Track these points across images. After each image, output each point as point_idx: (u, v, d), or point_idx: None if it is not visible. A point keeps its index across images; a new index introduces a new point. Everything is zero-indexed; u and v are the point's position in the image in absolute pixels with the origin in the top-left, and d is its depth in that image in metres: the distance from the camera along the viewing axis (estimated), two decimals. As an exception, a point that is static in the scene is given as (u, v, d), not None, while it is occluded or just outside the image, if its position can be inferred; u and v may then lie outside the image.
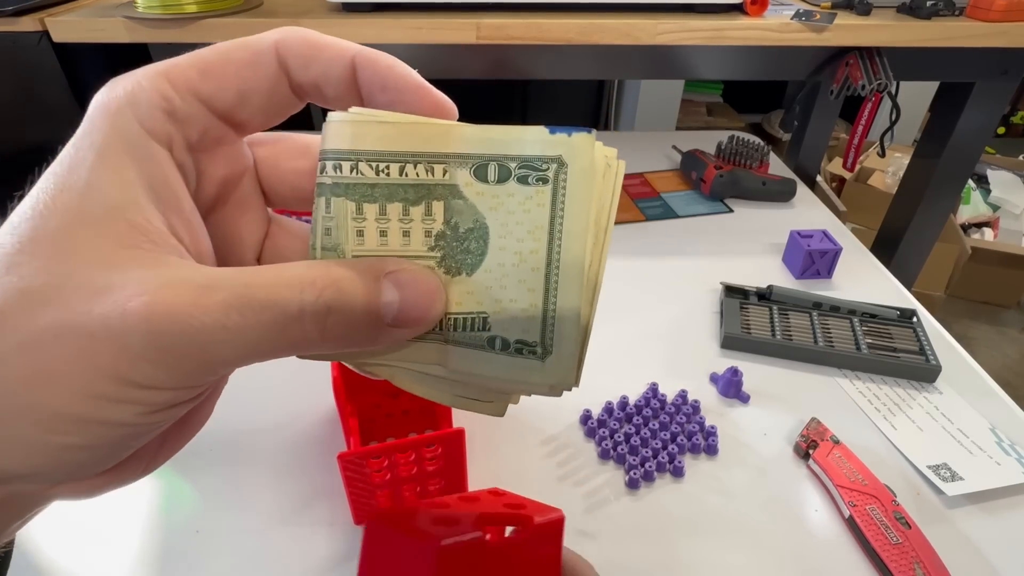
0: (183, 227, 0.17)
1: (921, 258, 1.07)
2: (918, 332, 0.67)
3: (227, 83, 0.18)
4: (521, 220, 0.18)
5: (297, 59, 0.19)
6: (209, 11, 0.79)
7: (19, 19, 0.82)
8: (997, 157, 2.32)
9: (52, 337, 0.14)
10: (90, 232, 0.15)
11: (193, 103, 0.18)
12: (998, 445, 0.55)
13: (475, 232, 0.18)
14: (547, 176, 0.18)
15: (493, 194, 0.18)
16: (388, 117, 0.19)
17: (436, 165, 0.19)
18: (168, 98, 0.17)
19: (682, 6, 0.83)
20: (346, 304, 0.16)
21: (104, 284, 0.15)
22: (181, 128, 0.18)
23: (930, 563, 0.45)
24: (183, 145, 0.18)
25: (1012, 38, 0.79)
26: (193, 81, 0.18)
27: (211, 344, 0.15)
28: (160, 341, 0.15)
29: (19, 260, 0.15)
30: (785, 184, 0.96)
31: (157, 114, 0.17)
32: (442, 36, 0.79)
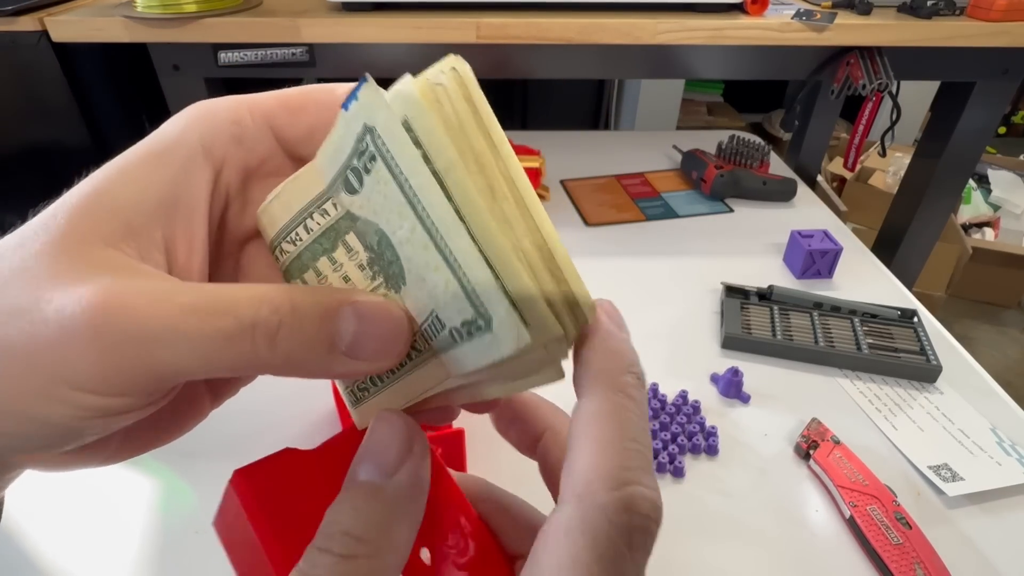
0: (184, 244, 0.18)
1: (922, 258, 1.07)
2: (919, 332, 0.67)
3: (303, 118, 0.19)
4: (389, 207, 0.16)
5: None
6: (208, 10, 0.79)
7: (18, 19, 0.82)
8: (998, 157, 2.32)
9: (12, 318, 0.14)
10: (86, 225, 0.16)
11: (264, 130, 0.19)
12: (999, 445, 0.55)
13: (382, 242, 0.17)
14: (371, 151, 0.16)
15: (366, 199, 0.17)
16: (277, 189, 0.19)
17: (325, 204, 0.18)
18: (240, 122, 0.19)
19: (682, 5, 0.83)
20: (298, 324, 0.16)
21: (73, 277, 0.15)
22: (244, 152, 0.19)
23: (931, 563, 0.44)
24: (239, 169, 0.19)
25: (1013, 38, 0.79)
26: (271, 109, 0.19)
27: (157, 348, 0.15)
28: (103, 341, 0.14)
29: (24, 242, 0.16)
30: (786, 184, 0.96)
31: (222, 134, 0.18)
32: (442, 36, 0.79)
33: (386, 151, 0.16)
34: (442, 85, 0.16)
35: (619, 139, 1.21)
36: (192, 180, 0.18)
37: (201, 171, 0.18)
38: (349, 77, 0.71)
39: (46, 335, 0.14)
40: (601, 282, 0.78)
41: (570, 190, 0.99)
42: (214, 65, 0.84)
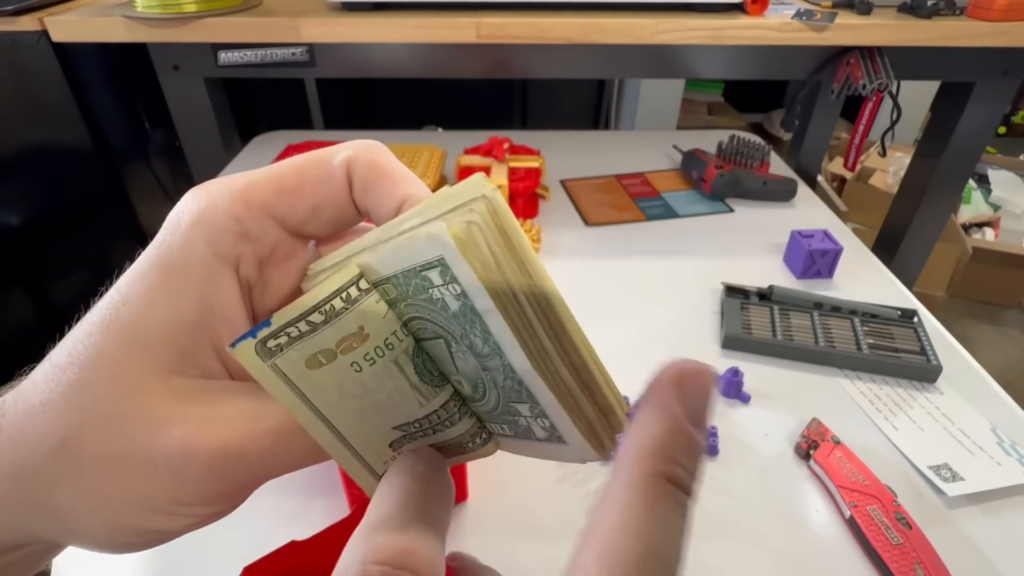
0: None
1: (922, 258, 1.07)
2: (919, 332, 0.66)
3: (301, 200, 0.19)
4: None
5: (359, 182, 0.19)
6: (208, 10, 0.79)
7: (18, 19, 0.82)
8: (998, 157, 2.32)
9: (119, 464, 0.17)
10: (144, 357, 0.17)
11: (266, 221, 0.19)
12: (999, 445, 0.55)
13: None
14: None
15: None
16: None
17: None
18: (241, 220, 0.19)
19: (682, 5, 0.83)
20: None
21: (163, 417, 0.17)
22: (252, 246, 0.19)
23: (931, 564, 0.44)
24: (253, 262, 0.19)
25: (1013, 37, 0.79)
26: (269, 200, 0.19)
27: (259, 468, 0.18)
28: (215, 471, 0.17)
29: (85, 380, 0.17)
30: (786, 184, 0.96)
31: (228, 236, 0.18)
32: (442, 35, 0.79)
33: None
34: (475, 224, 0.16)
35: (619, 139, 1.21)
36: (219, 288, 0.18)
37: (223, 276, 0.18)
38: (349, 77, 0.71)
39: (161, 479, 0.17)
40: (601, 282, 0.78)
41: (570, 190, 0.99)
42: (214, 65, 0.84)
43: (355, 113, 2.08)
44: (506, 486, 0.51)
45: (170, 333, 0.17)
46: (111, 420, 0.16)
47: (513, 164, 0.89)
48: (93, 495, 0.17)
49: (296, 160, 0.19)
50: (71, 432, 0.16)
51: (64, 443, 0.16)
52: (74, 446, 0.16)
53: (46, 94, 0.95)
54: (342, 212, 0.20)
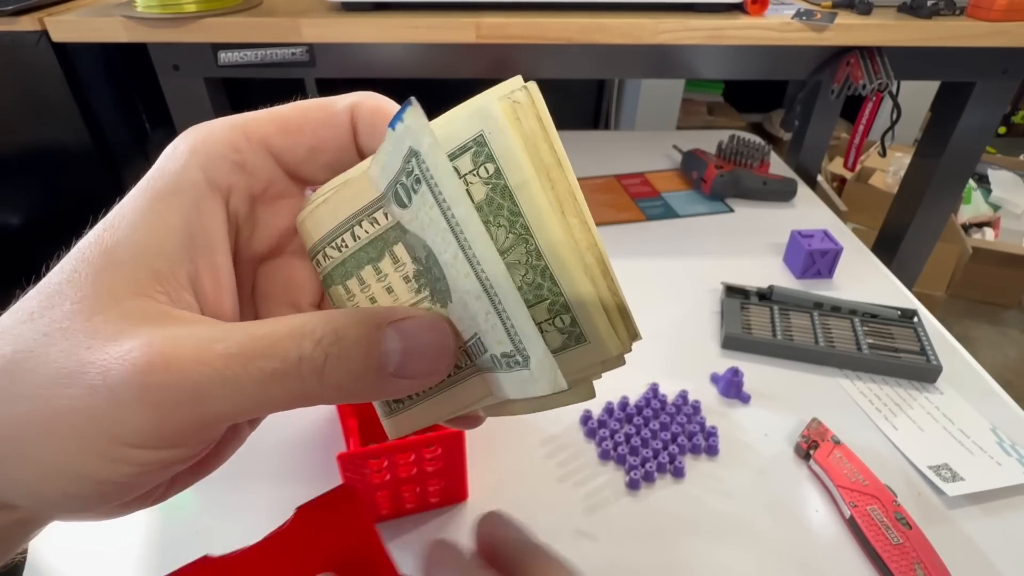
0: (210, 280, 0.18)
1: (922, 258, 1.07)
2: (919, 332, 0.66)
3: (301, 139, 0.19)
4: (435, 230, 0.16)
5: (365, 127, 0.19)
6: (208, 10, 0.79)
7: (18, 18, 0.82)
8: (998, 157, 2.32)
9: (58, 386, 0.15)
10: (111, 277, 0.16)
11: (264, 156, 0.19)
12: (999, 445, 0.55)
13: (431, 258, 0.17)
14: (416, 174, 0.16)
15: (414, 215, 0.17)
16: (322, 193, 0.19)
17: (376, 213, 0.18)
18: (239, 149, 0.18)
19: (683, 5, 0.83)
20: (344, 353, 0.16)
21: (110, 334, 0.15)
22: (246, 179, 0.19)
23: (931, 563, 0.44)
24: (245, 195, 0.19)
25: (1013, 37, 0.79)
26: (269, 135, 0.19)
27: (208, 398, 0.15)
28: (154, 397, 0.15)
29: (46, 304, 0.16)
30: (786, 184, 0.96)
31: (223, 164, 0.18)
32: (442, 35, 0.79)
33: (429, 177, 0.15)
34: (519, 103, 0.16)
35: (619, 139, 1.21)
36: (205, 215, 0.18)
37: (212, 204, 0.18)
38: (349, 77, 0.72)
39: (96, 401, 0.14)
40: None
41: (570, 190, 0.99)
42: (214, 65, 0.84)
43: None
44: (506, 486, 0.51)
45: (145, 255, 0.17)
46: (55, 342, 0.15)
47: (513, 164, 0.89)
48: (26, 430, 0.15)
49: (301, 102, 0.19)
50: (18, 355, 0.15)
51: (4, 369, 0.15)
52: (15, 371, 0.15)
53: (46, 94, 0.94)
54: (342, 156, 0.20)
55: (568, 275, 0.16)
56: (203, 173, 0.18)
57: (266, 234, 0.20)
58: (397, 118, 0.16)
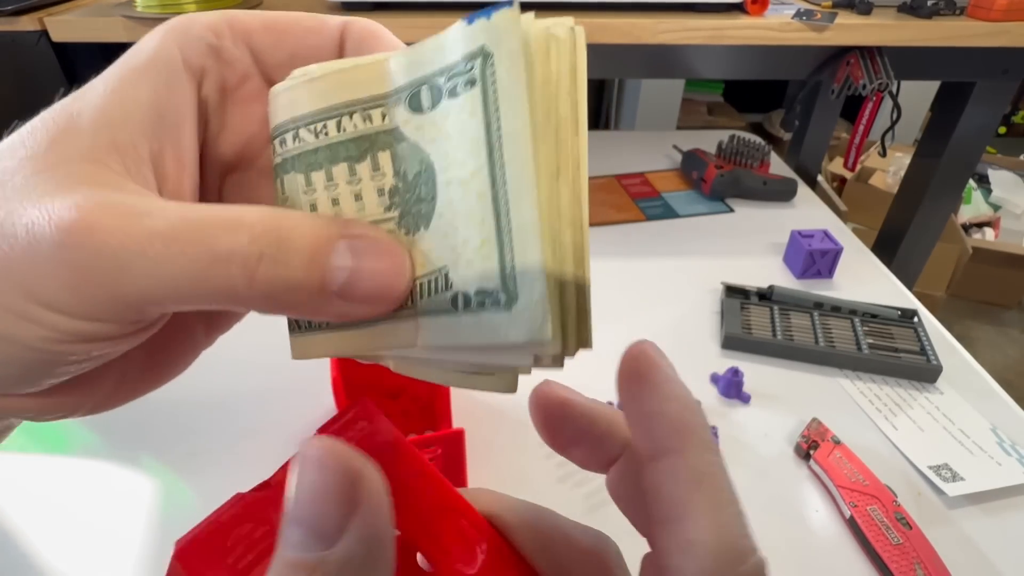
0: (173, 161, 0.17)
1: (922, 258, 1.07)
2: (919, 332, 0.66)
3: (285, 41, 0.19)
4: (459, 141, 0.14)
5: (354, 43, 0.19)
6: (208, 10, 0.79)
7: (18, 18, 0.82)
8: (998, 157, 2.32)
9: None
10: (69, 140, 0.15)
11: (243, 48, 0.18)
12: (999, 445, 0.55)
13: (423, 175, 0.15)
14: (474, 76, 0.14)
15: (431, 123, 0.15)
16: (319, 70, 0.17)
17: (373, 110, 0.16)
18: (219, 34, 0.18)
19: (683, 5, 0.83)
20: (282, 256, 0.14)
21: (49, 191, 0.14)
22: (221, 67, 0.18)
23: (931, 564, 0.44)
24: (217, 83, 0.18)
25: (1013, 37, 0.79)
26: (252, 29, 0.18)
27: (127, 273, 0.14)
28: (71, 259, 0.13)
29: (3, 154, 0.15)
30: (786, 184, 0.96)
31: (200, 46, 0.18)
32: (442, 35, 0.79)
33: (491, 83, 0.13)
34: (557, 39, 0.14)
35: (619, 139, 1.21)
36: (175, 92, 0.17)
37: (183, 83, 0.17)
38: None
39: (16, 250, 0.14)
40: (601, 282, 0.77)
41: (570, 190, 0.99)
42: (214, 65, 0.84)
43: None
44: (506, 486, 0.51)
45: (108, 125, 0.16)
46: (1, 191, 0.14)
47: (513, 164, 0.89)
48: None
49: (294, 12, 0.19)
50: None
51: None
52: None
53: (46, 94, 0.94)
54: None
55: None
56: (179, 51, 0.17)
57: (234, 137, 0.19)
58: (481, 14, 0.14)
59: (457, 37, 0.14)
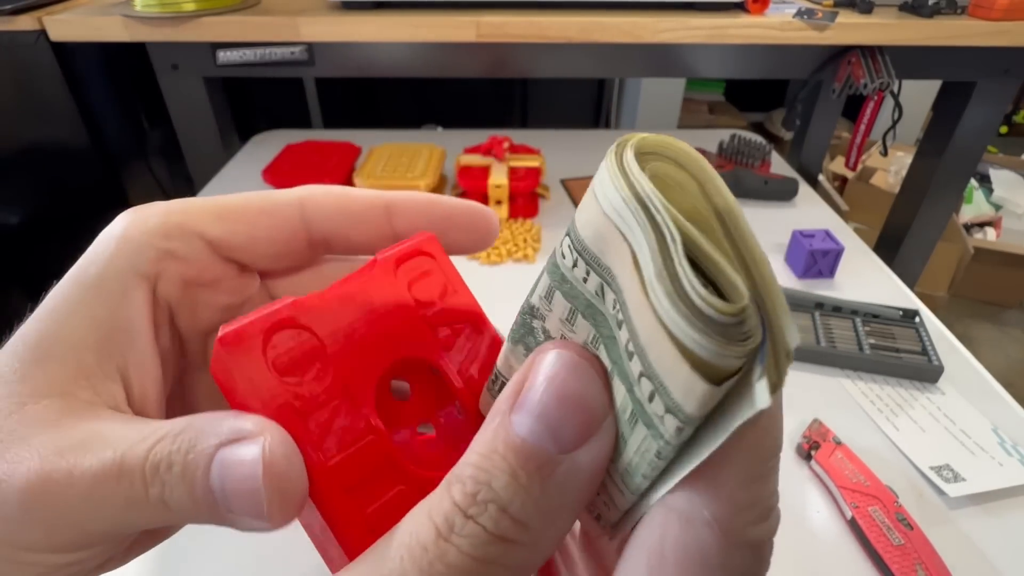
0: (136, 371, 0.17)
1: (924, 258, 1.07)
2: (920, 332, 0.66)
3: (238, 228, 0.19)
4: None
5: (318, 210, 0.19)
6: (207, 9, 0.79)
7: (16, 18, 0.82)
8: (999, 156, 2.31)
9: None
10: (37, 374, 0.16)
11: (197, 243, 0.18)
12: (1000, 446, 0.55)
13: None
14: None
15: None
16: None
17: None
18: (169, 236, 0.18)
19: (683, 4, 0.83)
20: (172, 480, 0.14)
21: (20, 437, 0.15)
22: (176, 265, 0.18)
23: (932, 564, 0.44)
24: (176, 281, 0.18)
25: (1014, 37, 0.79)
26: (204, 223, 0.18)
27: (82, 519, 0.14)
28: (35, 515, 0.14)
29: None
30: (787, 183, 0.96)
31: (149, 252, 0.18)
32: (442, 34, 0.79)
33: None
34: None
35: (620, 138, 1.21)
36: (130, 305, 0.17)
37: (137, 293, 0.17)
38: (348, 76, 0.71)
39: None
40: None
41: (571, 189, 0.99)
42: (213, 64, 0.84)
43: (354, 112, 2.08)
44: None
45: (73, 349, 0.16)
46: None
47: (513, 163, 0.89)
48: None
49: (247, 193, 0.19)
50: None
51: None
52: None
53: (44, 94, 0.94)
54: (288, 246, 0.19)
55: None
56: (128, 262, 0.17)
57: (207, 314, 0.20)
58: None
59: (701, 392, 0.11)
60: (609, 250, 0.13)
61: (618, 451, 0.13)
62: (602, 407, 0.13)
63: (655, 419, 0.12)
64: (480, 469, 0.13)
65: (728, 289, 0.11)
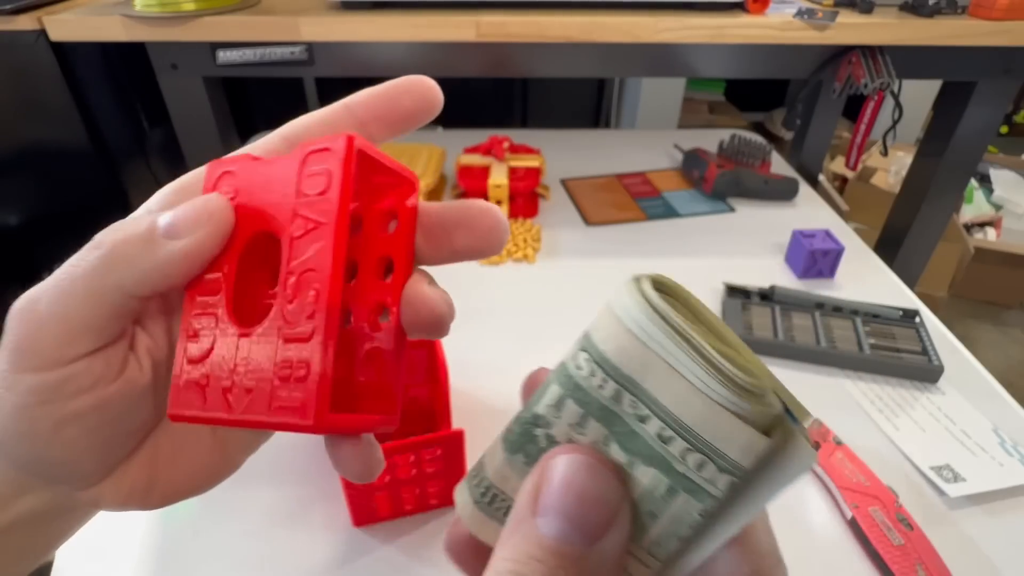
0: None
1: (924, 258, 1.07)
2: (921, 332, 0.66)
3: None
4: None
5: (297, 127, 0.23)
6: (207, 9, 0.79)
7: (16, 17, 0.82)
8: (1000, 156, 2.31)
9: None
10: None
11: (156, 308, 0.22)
12: (1001, 446, 0.55)
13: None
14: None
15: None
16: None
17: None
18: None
19: (683, 4, 0.83)
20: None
21: None
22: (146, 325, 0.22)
23: (932, 564, 0.44)
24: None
25: (1014, 36, 0.79)
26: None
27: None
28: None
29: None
30: (787, 183, 0.96)
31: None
32: (442, 34, 0.79)
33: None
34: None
35: (620, 138, 1.21)
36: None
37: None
38: (348, 76, 0.71)
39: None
40: (602, 282, 0.77)
41: (571, 189, 0.99)
42: (212, 64, 0.84)
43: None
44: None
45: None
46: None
47: (513, 163, 0.89)
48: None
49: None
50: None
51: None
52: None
53: (44, 93, 0.94)
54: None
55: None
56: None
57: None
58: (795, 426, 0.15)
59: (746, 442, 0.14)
60: (631, 362, 0.15)
61: (643, 529, 0.15)
62: (617, 498, 0.15)
63: (704, 484, 0.14)
64: (518, 568, 0.14)
65: (745, 370, 0.14)
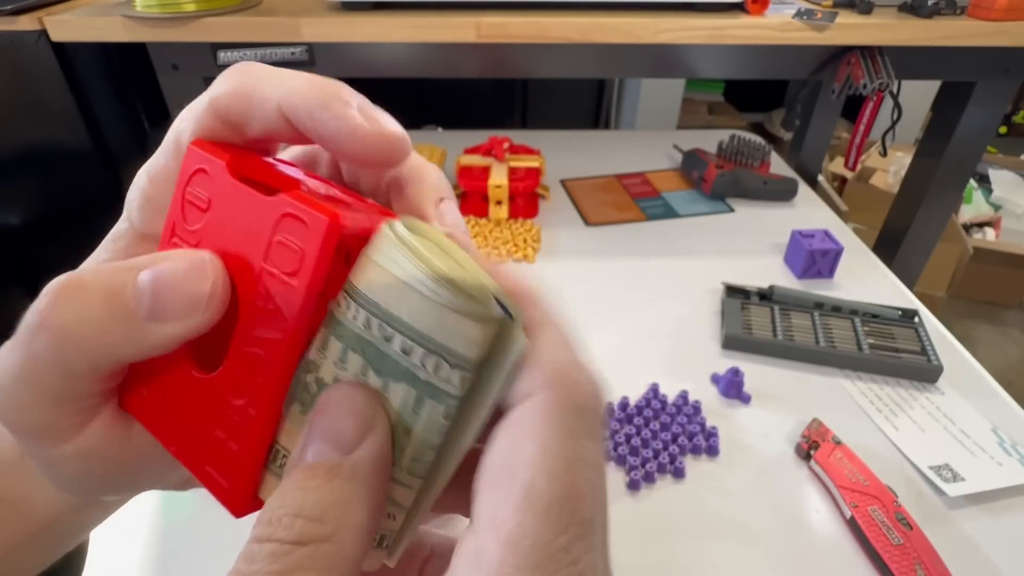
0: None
1: (923, 258, 1.07)
2: (920, 332, 0.66)
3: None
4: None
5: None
6: (208, 10, 0.79)
7: (17, 18, 0.82)
8: (999, 156, 2.31)
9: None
10: None
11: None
12: (1000, 446, 0.55)
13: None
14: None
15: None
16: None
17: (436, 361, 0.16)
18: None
19: (683, 5, 0.83)
20: (85, 300, 0.15)
21: None
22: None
23: (932, 564, 0.44)
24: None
25: (1014, 37, 0.79)
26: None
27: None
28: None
29: None
30: (786, 183, 0.96)
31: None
32: (442, 35, 0.79)
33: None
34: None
35: (619, 138, 1.21)
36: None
37: None
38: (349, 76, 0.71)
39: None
40: (601, 282, 0.78)
41: (570, 190, 0.99)
42: (213, 64, 0.84)
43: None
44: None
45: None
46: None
47: (513, 164, 0.89)
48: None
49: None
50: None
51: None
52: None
53: (45, 94, 0.94)
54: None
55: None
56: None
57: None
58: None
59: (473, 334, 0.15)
60: (375, 286, 0.15)
61: (401, 449, 0.16)
62: (371, 412, 0.15)
63: (442, 384, 0.15)
64: (273, 503, 0.14)
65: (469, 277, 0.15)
